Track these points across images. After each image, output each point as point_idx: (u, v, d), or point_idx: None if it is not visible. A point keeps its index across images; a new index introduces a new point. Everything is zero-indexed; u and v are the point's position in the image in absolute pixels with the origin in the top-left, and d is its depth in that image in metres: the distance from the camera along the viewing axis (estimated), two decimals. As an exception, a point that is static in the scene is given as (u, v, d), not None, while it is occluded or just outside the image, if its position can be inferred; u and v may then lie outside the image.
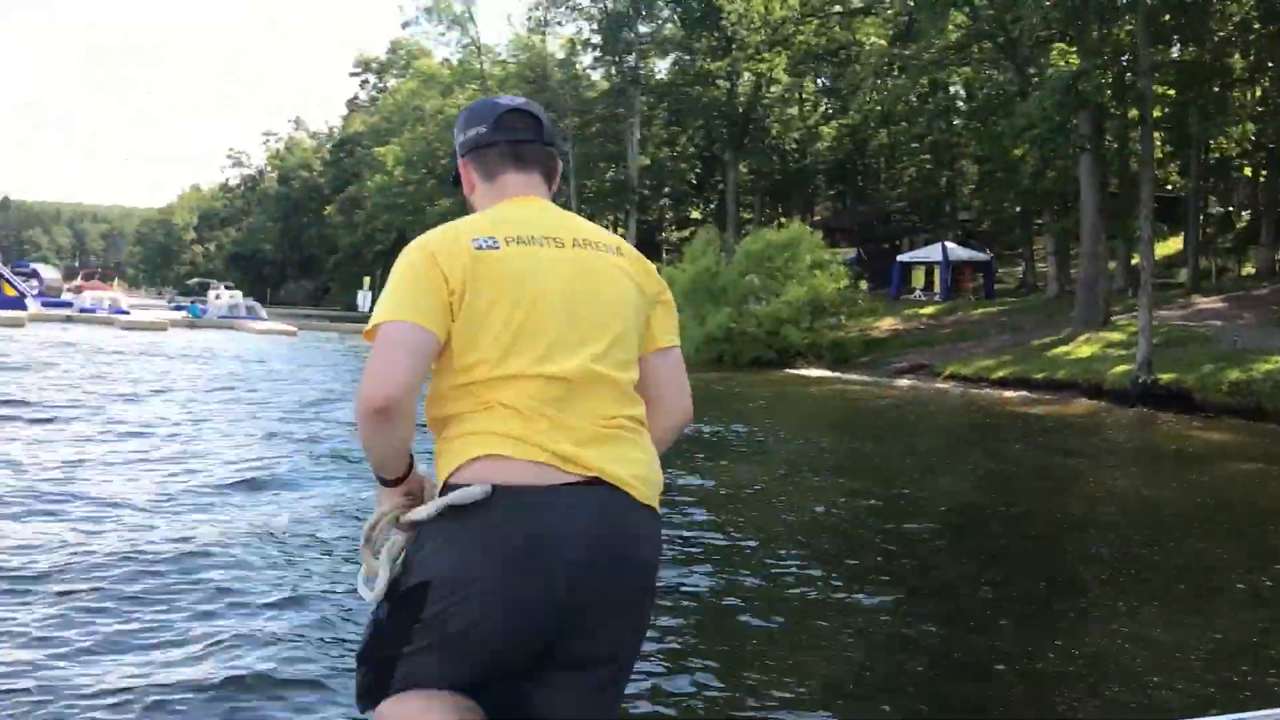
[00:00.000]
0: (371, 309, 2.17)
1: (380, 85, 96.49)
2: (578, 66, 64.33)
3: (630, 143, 58.81)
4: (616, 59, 60.42)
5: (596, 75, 65.61)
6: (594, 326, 2.21)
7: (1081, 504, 11.50)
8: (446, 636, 2.01)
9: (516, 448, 2.05)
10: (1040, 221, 41.25)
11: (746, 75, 55.85)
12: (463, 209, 2.48)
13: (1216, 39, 29.22)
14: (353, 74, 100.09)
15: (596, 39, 61.24)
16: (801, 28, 48.07)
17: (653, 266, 2.41)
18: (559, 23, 63.67)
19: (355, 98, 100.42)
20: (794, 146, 59.18)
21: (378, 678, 2.08)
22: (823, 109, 59.23)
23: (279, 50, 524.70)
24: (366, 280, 74.26)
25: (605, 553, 2.05)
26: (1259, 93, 34.28)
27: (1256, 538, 9.92)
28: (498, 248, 2.18)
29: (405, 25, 74.85)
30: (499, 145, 2.37)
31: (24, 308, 46.10)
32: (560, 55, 63.54)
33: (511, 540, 2.00)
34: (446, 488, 2.10)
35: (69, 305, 52.91)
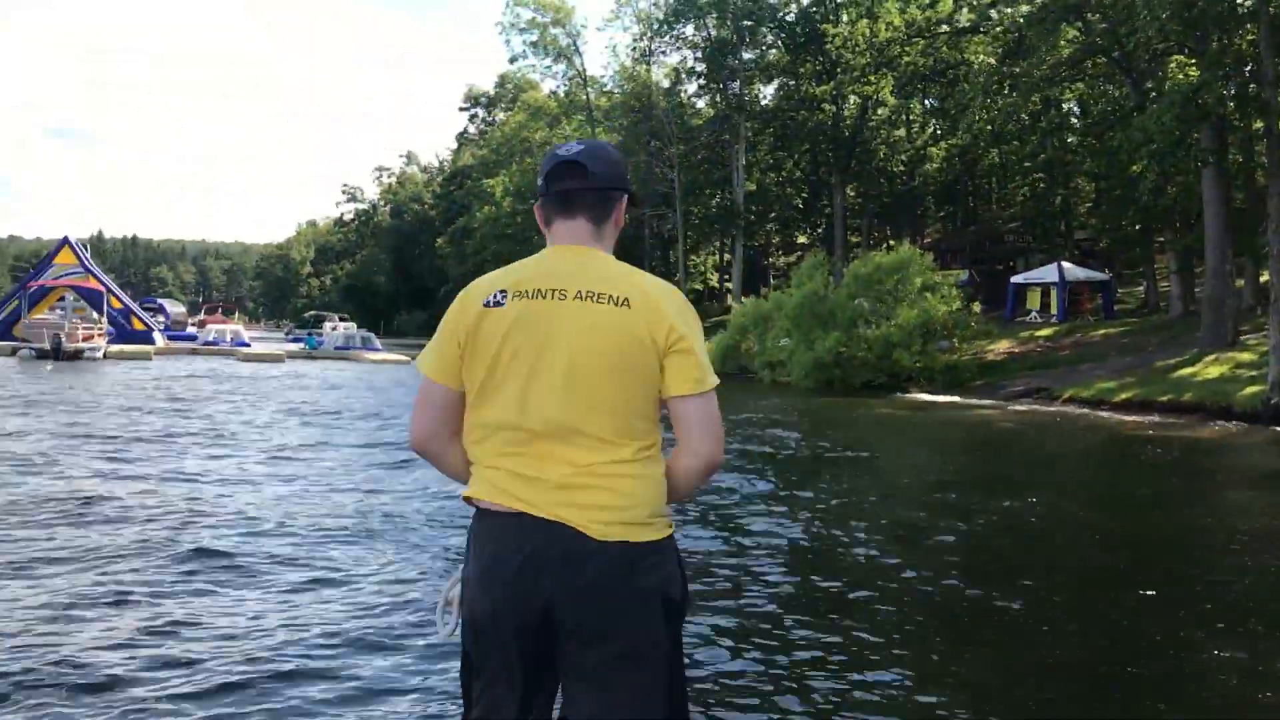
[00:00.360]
0: None
1: (489, 119, 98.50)
2: (683, 95, 64.74)
3: (736, 169, 58.90)
4: (721, 86, 60.69)
5: (701, 103, 65.95)
6: (576, 379, 2.44)
7: (1210, 530, 11.06)
8: (465, 625, 2.53)
9: (492, 492, 2.49)
10: (1162, 239, 39.98)
11: (852, 98, 55.48)
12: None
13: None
14: (462, 108, 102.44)
15: (701, 67, 61.60)
16: (907, 49, 47.58)
17: (672, 317, 2.48)
18: (663, 52, 64.30)
19: (465, 131, 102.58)
20: (902, 168, 58.51)
21: (464, 698, 2.62)
22: (931, 130, 58.48)
23: (391, 87, 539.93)
24: (477, 310, 75.50)
25: (549, 570, 2.40)
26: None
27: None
28: (503, 304, 2.50)
29: (513, 60, 76.22)
30: (549, 196, 2.62)
31: (152, 341, 48.20)
32: (665, 84, 64.04)
33: (484, 554, 2.47)
34: (470, 501, 2.57)
35: (193, 339, 55.13)
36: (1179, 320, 34.92)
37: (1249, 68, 26.10)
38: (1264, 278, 28.43)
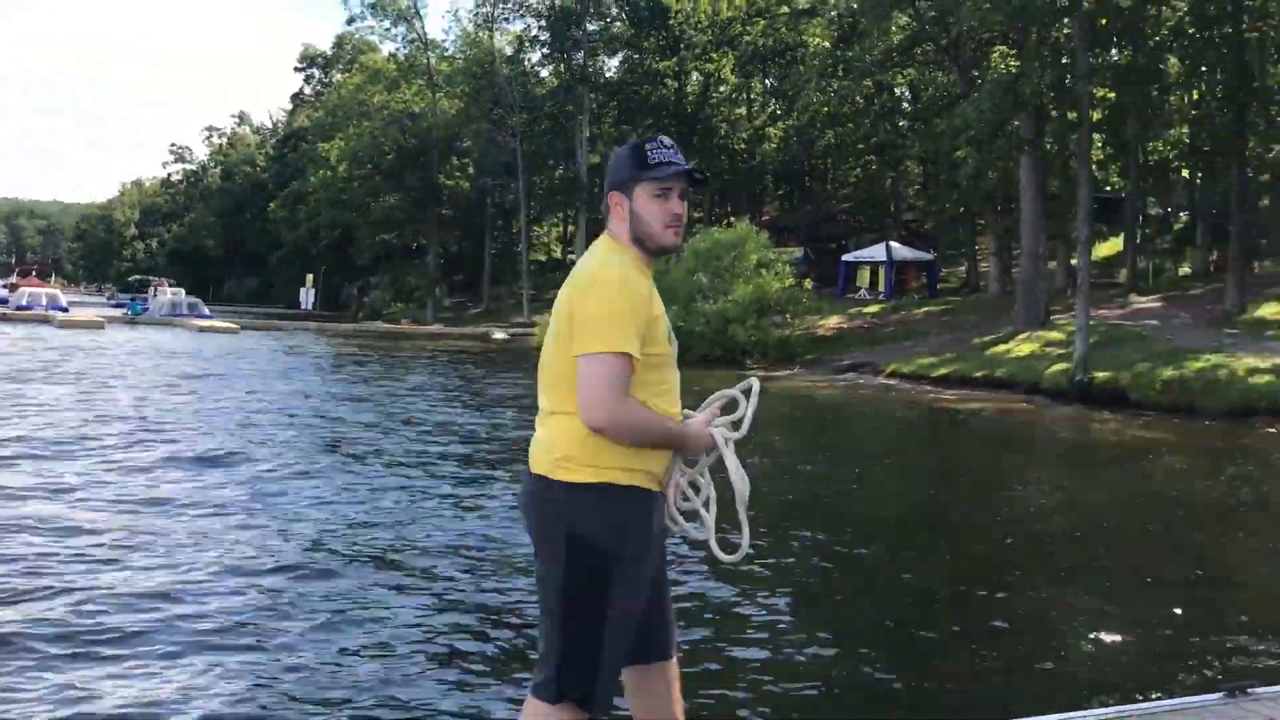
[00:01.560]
0: (314, 306, 2.47)
1: (326, 80, 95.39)
2: (526, 63, 64.12)
3: (579, 140, 58.76)
4: (565, 56, 60.34)
5: (545, 73, 65.45)
6: (545, 348, 2.92)
7: (1015, 500, 11.66)
8: None
9: None
10: (982, 222, 41.79)
11: (695, 75, 56.01)
12: (406, 205, 2.85)
13: (1152, 43, 29.74)
14: (298, 68, 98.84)
15: (545, 36, 61.09)
16: (748, 28, 48.26)
17: (576, 289, 2.84)
18: (506, 19, 63.53)
19: (300, 92, 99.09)
20: (743, 146, 59.42)
21: None
22: (770, 109, 59.55)
23: (222, 44, 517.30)
24: (309, 277, 73.41)
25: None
26: (1196, 95, 34.97)
27: (1183, 532, 10.12)
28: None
29: (350, 21, 73.94)
30: None
31: (-43, 304, 45.10)
32: (508, 51, 63.28)
33: None
34: None
35: (3, 302, 51.85)
36: (996, 300, 36.62)
37: (1065, 60, 27.41)
38: (1075, 261, 30.01)
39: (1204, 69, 32.83)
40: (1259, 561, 9.01)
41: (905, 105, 49.92)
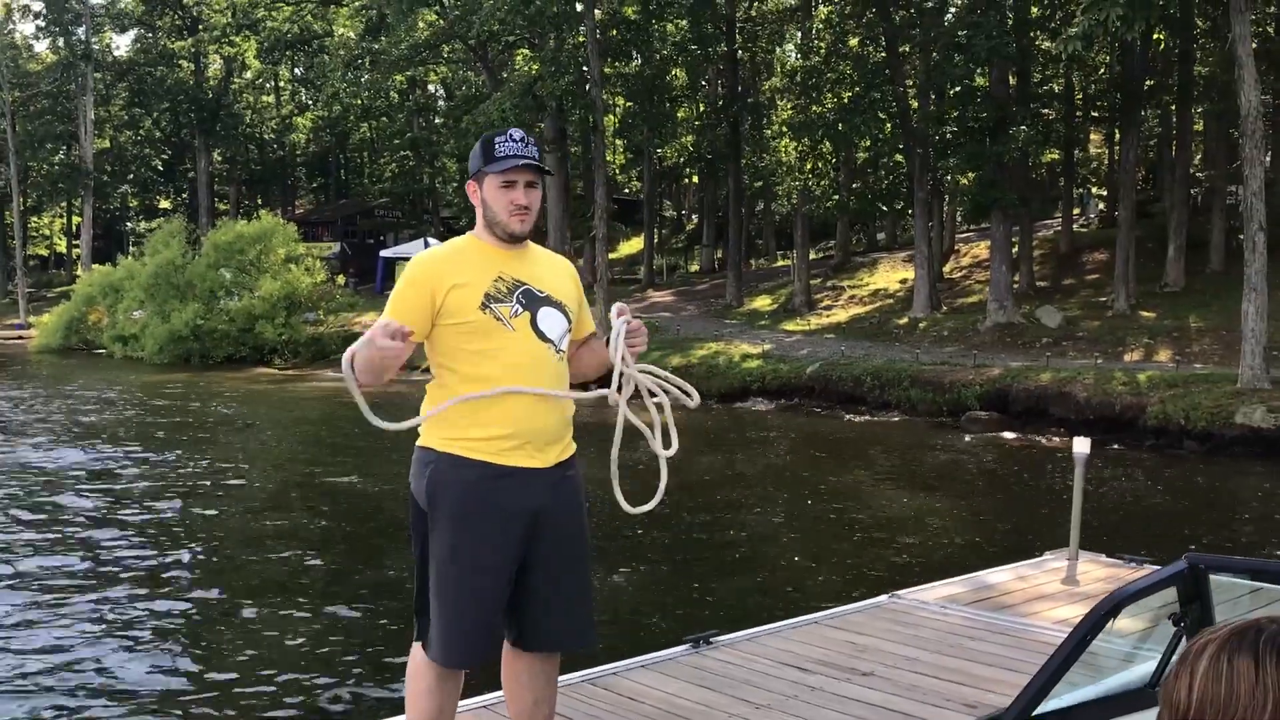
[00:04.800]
0: None
1: None
2: (17, 35, 57.20)
3: (83, 123, 53.25)
4: (65, 29, 54.43)
5: (42, 46, 58.73)
6: None
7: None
8: None
9: None
10: (514, 221, 43.01)
11: (215, 58, 52.82)
12: None
13: (659, 56, 32.12)
14: None
15: (39, 6, 54.76)
16: (272, 12, 46.21)
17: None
18: (-8, -18, 56.10)
19: None
20: (271, 136, 56.88)
21: None
22: (300, 98, 57.51)
23: None
24: None
25: None
26: (701, 107, 38.24)
27: (679, 497, 10.92)
28: None
29: None
30: None
31: None
32: (-6, 20, 56.01)
33: None
34: None
35: None
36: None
37: (584, 66, 28.87)
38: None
39: (704, 83, 35.98)
40: (749, 519, 9.92)
41: (440, 102, 50.21)
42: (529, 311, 3.01)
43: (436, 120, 48.26)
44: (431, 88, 49.58)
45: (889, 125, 27.06)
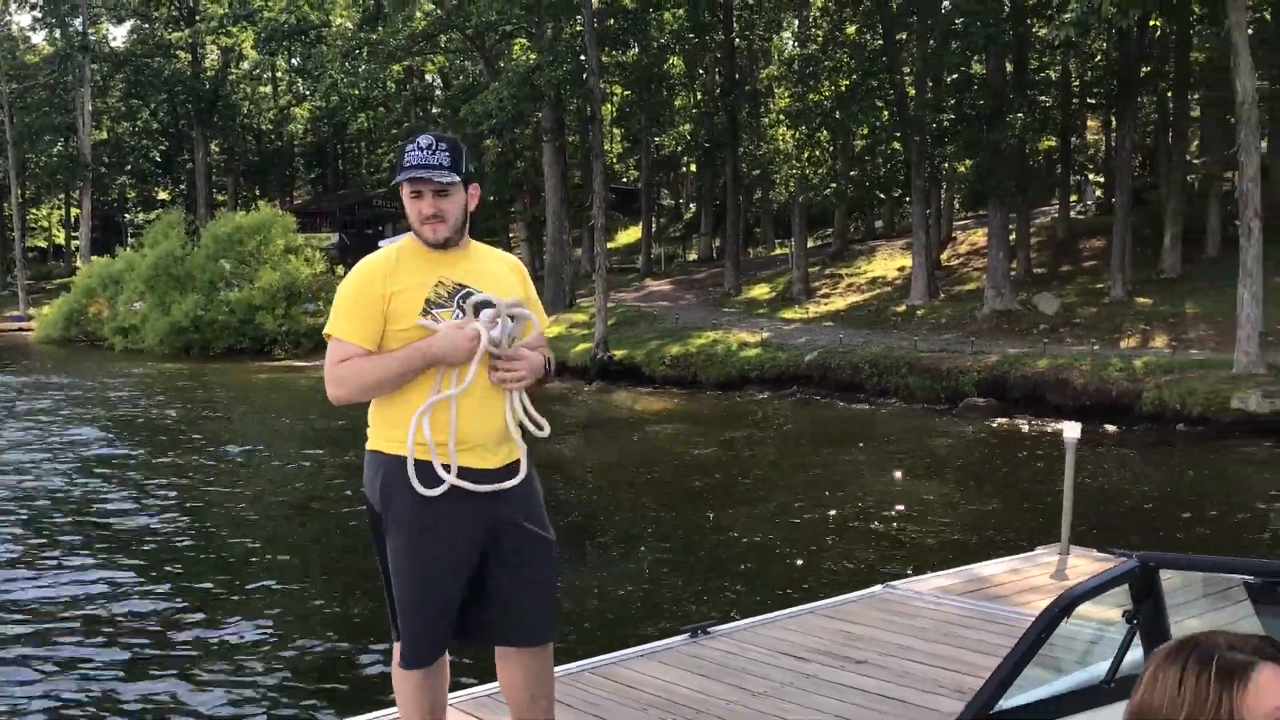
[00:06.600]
0: None
1: None
2: (14, 27, 57.13)
3: (81, 114, 53.20)
4: (61, 20, 54.34)
5: (38, 38, 58.65)
6: None
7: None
8: None
9: None
10: (514, 209, 43.08)
11: (212, 49, 52.73)
12: None
13: (657, 45, 32.11)
14: None
15: (37, -2, 54.67)
16: (269, 3, 46.15)
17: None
18: (-12, -24, 55.96)
19: None
20: (269, 127, 56.82)
21: None
22: (296, 89, 57.42)
23: None
24: None
25: None
26: (698, 96, 38.22)
27: (677, 486, 11.03)
28: None
29: None
30: None
31: None
32: (-10, 11, 55.89)
33: None
34: None
35: None
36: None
37: (582, 55, 28.86)
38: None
39: (701, 71, 35.96)
40: (746, 508, 10.02)
41: (437, 92, 50.12)
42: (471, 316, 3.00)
43: (434, 110, 48.20)
44: (429, 78, 49.49)
45: (886, 113, 27.08)
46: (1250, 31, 18.35)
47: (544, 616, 3.08)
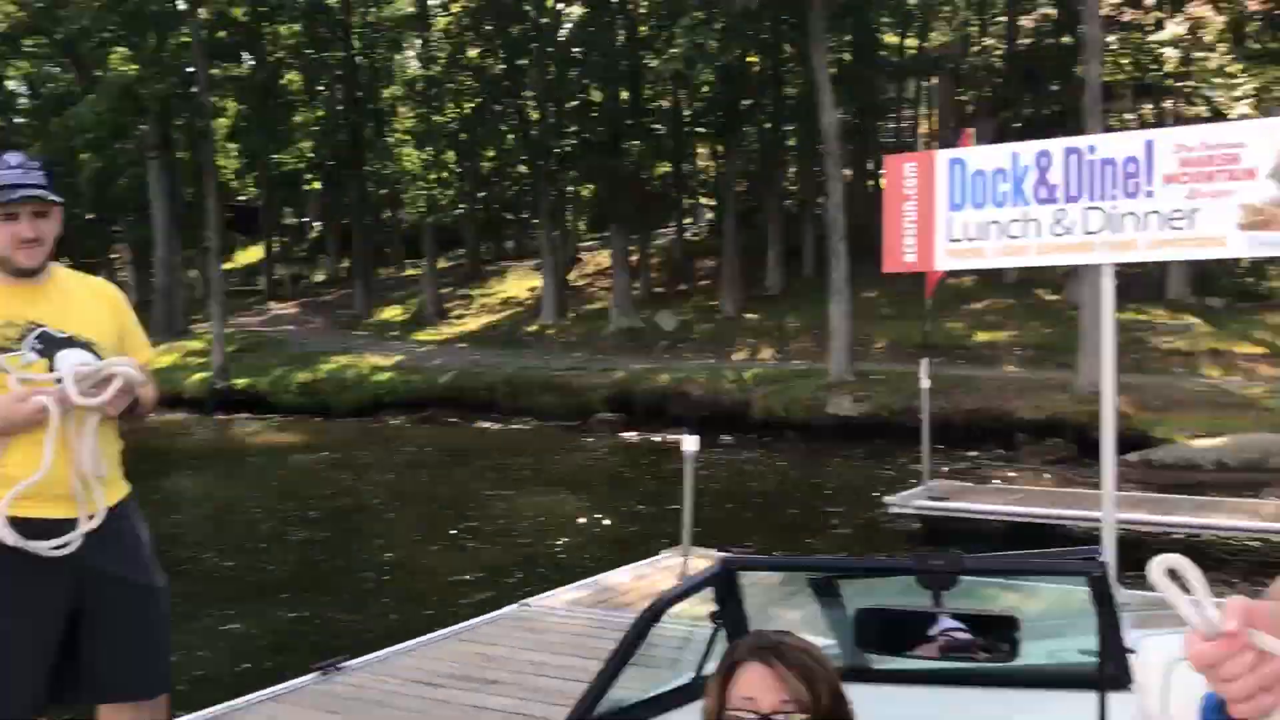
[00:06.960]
0: None
1: None
2: None
3: None
4: None
5: None
6: None
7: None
8: None
9: None
10: (117, 229, 39.79)
11: None
12: None
13: (273, 59, 30.87)
14: None
15: None
16: None
17: None
18: None
19: None
20: None
21: None
22: None
23: None
24: None
25: None
26: (321, 112, 37.04)
27: (305, 518, 10.61)
28: None
29: None
30: None
31: None
32: None
33: None
34: None
35: None
36: (136, 310, 35.09)
37: (191, 68, 27.17)
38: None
39: (322, 87, 34.97)
40: (381, 536, 9.79)
41: (22, 101, 45.43)
42: (45, 358, 2.71)
43: (18, 121, 43.64)
44: (11, 84, 44.76)
45: (510, 136, 27.58)
46: (833, 71, 20.37)
47: (148, 669, 2.84)
